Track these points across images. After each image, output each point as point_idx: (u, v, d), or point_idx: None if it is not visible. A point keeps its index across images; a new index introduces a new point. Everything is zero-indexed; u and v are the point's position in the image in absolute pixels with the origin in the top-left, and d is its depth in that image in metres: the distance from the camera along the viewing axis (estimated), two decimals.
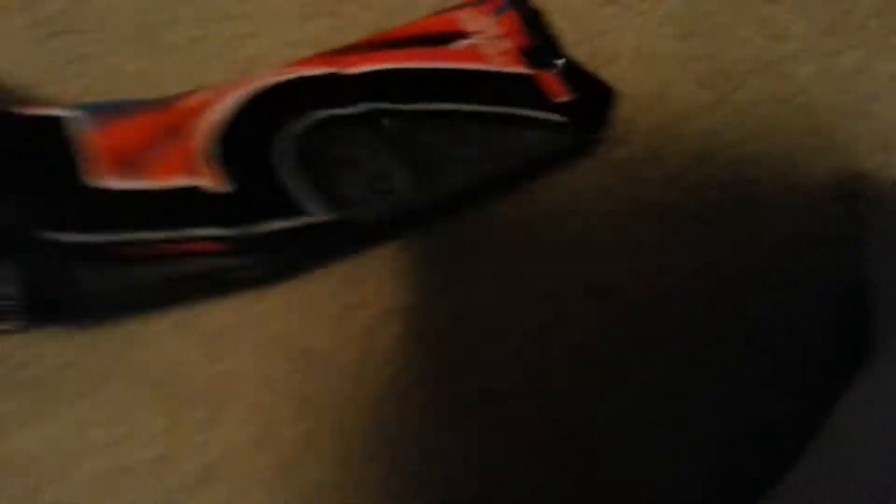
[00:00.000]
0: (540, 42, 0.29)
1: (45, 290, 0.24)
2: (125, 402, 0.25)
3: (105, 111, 0.26)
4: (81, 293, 0.24)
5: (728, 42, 0.30)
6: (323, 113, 0.27)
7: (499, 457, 0.25)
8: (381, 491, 0.24)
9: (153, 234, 0.25)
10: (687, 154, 0.29)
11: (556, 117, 0.28)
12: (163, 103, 0.27)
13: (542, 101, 0.28)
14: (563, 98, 0.28)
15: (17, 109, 0.26)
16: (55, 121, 0.26)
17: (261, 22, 0.30)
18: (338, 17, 0.30)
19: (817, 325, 0.27)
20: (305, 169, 0.26)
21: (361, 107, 0.27)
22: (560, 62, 0.29)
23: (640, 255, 0.28)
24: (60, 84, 0.29)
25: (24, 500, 0.24)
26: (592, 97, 0.28)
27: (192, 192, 0.25)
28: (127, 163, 0.25)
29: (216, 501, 0.23)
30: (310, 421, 0.25)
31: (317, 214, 0.26)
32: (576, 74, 0.29)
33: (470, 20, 0.29)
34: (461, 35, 0.29)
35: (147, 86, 0.29)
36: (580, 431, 0.26)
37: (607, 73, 0.29)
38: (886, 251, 0.25)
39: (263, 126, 0.26)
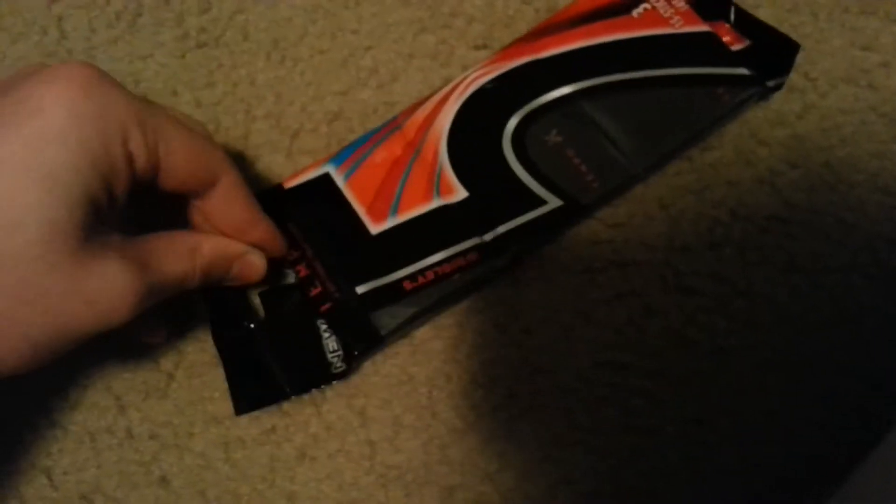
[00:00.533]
0: None
1: (354, 346, 0.28)
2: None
3: (351, 154, 0.30)
4: (382, 337, 0.28)
5: (820, 51, 0.32)
6: (531, 104, 0.29)
7: (569, 444, 0.28)
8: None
9: (423, 262, 0.28)
10: (777, 158, 0.31)
11: (741, 70, 0.30)
12: (397, 125, 0.30)
13: (724, 54, 0.30)
14: (739, 46, 0.30)
15: (285, 183, 0.30)
16: (319, 181, 0.30)
17: (378, 36, 0.33)
18: (446, 31, 0.33)
19: None
20: (531, 160, 0.29)
21: (566, 89, 0.30)
22: (733, 12, 0.31)
23: (725, 255, 0.30)
24: (201, 90, 0.33)
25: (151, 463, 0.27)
26: (771, 44, 0.30)
27: (440, 212, 0.29)
28: (382, 203, 0.29)
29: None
30: (403, 401, 0.29)
31: (549, 205, 0.28)
32: (750, 24, 0.31)
33: None
34: (636, 1, 0.31)
35: (277, 92, 0.33)
36: (658, 426, 0.28)
37: None
38: None
39: (484, 126, 0.29)
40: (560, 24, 0.31)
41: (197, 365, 0.29)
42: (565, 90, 0.30)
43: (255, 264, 0.26)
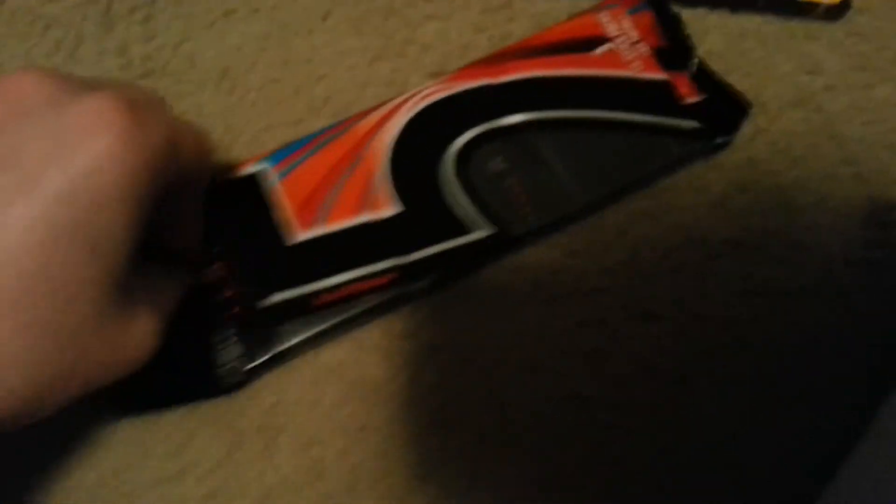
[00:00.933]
0: (673, 43, 0.31)
1: (256, 353, 0.27)
2: (181, 436, 0.27)
3: (290, 154, 0.29)
4: (286, 349, 0.27)
5: (767, 77, 0.33)
6: (480, 127, 0.29)
7: (546, 483, 0.27)
8: None
9: (340, 277, 0.27)
10: (729, 182, 0.31)
11: (690, 123, 0.30)
12: (341, 131, 0.30)
13: (677, 106, 0.30)
14: (694, 99, 0.30)
15: (218, 177, 0.29)
16: (250, 179, 0.29)
17: (331, 65, 0.33)
18: (401, 59, 0.33)
19: (859, 340, 0.29)
20: (467, 186, 0.28)
21: (514, 118, 0.29)
22: (693, 64, 0.31)
23: (684, 280, 0.30)
24: None
25: None
26: (724, 101, 0.31)
27: (367, 227, 0.28)
28: (312, 209, 0.28)
29: None
30: (362, 450, 0.27)
31: (479, 232, 0.28)
32: (707, 79, 0.31)
33: (610, 23, 0.32)
34: (602, 39, 0.31)
35: (226, 125, 0.32)
36: (630, 458, 0.28)
37: None
38: None
39: (429, 144, 0.29)
40: (523, 51, 0.31)
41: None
42: (516, 119, 0.30)
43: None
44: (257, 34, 0.33)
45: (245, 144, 0.32)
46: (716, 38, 0.33)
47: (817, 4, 0.33)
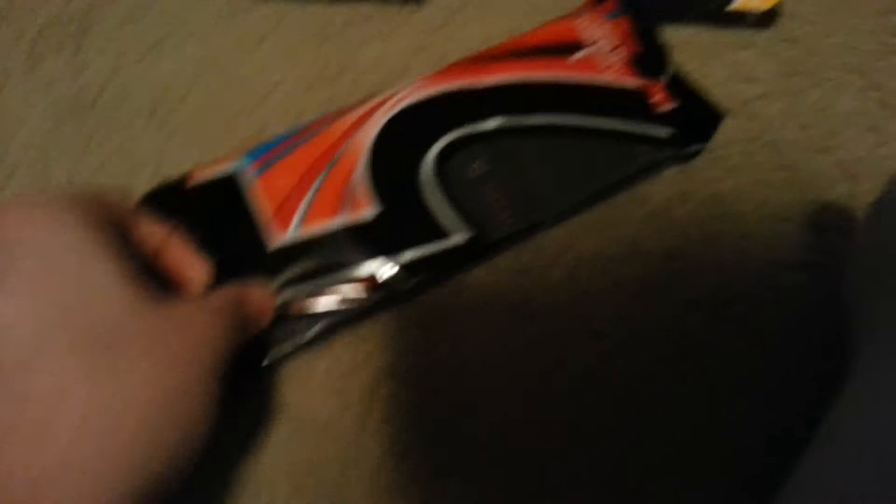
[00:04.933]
0: (649, 50, 0.33)
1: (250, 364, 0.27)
2: None
3: (268, 151, 0.30)
4: (262, 367, 0.28)
5: (704, 86, 0.34)
6: (460, 131, 0.30)
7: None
8: None
9: (317, 283, 0.28)
10: (668, 193, 0.33)
11: (663, 131, 0.31)
12: (318, 130, 0.30)
13: (650, 114, 0.32)
14: (668, 107, 0.32)
15: (190, 179, 0.29)
16: (229, 179, 0.29)
17: (266, 94, 0.33)
18: (337, 86, 0.34)
19: (803, 344, 0.31)
20: (446, 190, 0.29)
21: (493, 122, 0.30)
22: (668, 72, 0.33)
23: (628, 295, 0.31)
24: (77, 162, 0.32)
25: None
26: (697, 109, 0.32)
27: (346, 232, 0.28)
28: (289, 209, 0.28)
29: None
30: (313, 490, 0.28)
31: (458, 236, 0.29)
32: (681, 87, 0.32)
33: (587, 28, 0.33)
34: (579, 45, 0.33)
35: (158, 161, 0.32)
36: (587, 473, 0.29)
37: None
38: (861, 278, 0.28)
39: (408, 146, 0.30)
40: (503, 54, 0.32)
41: None
42: (495, 123, 0.31)
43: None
44: (190, 64, 0.34)
45: None
46: None
47: (746, 14, 0.35)
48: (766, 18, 0.35)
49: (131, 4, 0.35)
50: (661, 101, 0.32)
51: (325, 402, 0.29)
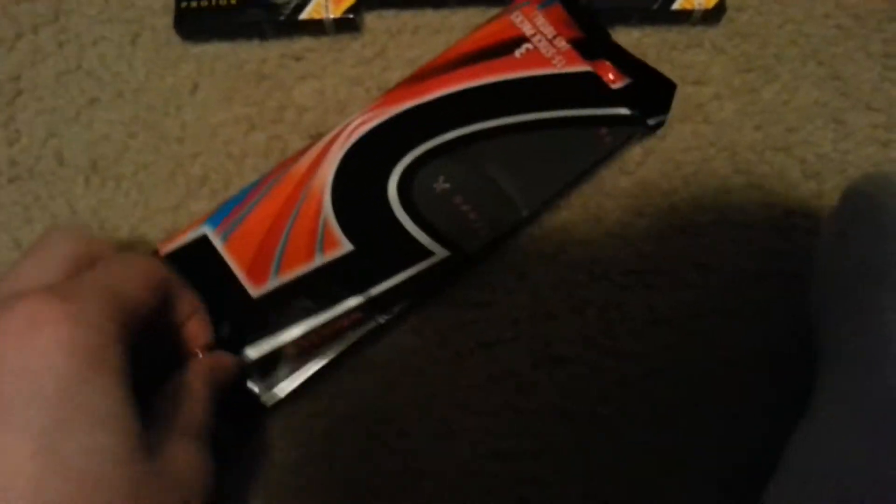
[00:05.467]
0: (588, 32, 0.32)
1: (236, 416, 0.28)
2: None
3: (229, 213, 0.30)
4: (265, 407, 0.28)
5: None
6: (417, 150, 0.30)
7: None
8: None
9: (308, 324, 0.28)
10: (624, 209, 0.32)
11: (622, 110, 0.31)
12: (277, 175, 0.30)
13: (606, 94, 0.31)
14: (621, 84, 0.31)
15: (162, 248, 0.30)
16: (196, 244, 0.29)
17: (204, 141, 0.33)
18: (278, 125, 0.33)
19: (773, 354, 0.30)
20: (417, 210, 0.29)
21: (448, 135, 0.30)
22: (612, 50, 0.32)
23: (590, 318, 0.30)
24: (18, 229, 0.32)
25: None
26: (650, 82, 0.32)
27: (324, 270, 0.29)
28: (263, 264, 0.29)
29: None
30: None
31: (435, 256, 0.29)
32: (629, 62, 0.32)
33: (524, 22, 0.32)
34: (520, 40, 0.32)
35: (102, 219, 0.32)
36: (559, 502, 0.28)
37: None
38: (823, 289, 0.27)
39: (368, 176, 0.30)
40: (443, 66, 0.32)
41: None
42: (450, 135, 0.30)
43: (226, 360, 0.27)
44: (125, 119, 0.33)
45: (125, 239, 0.32)
46: None
47: (691, 11, 0.34)
48: (714, 14, 0.34)
49: (60, 68, 0.34)
50: (614, 79, 0.31)
51: (288, 450, 0.29)
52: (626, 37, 0.34)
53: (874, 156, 0.33)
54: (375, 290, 0.29)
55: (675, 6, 0.34)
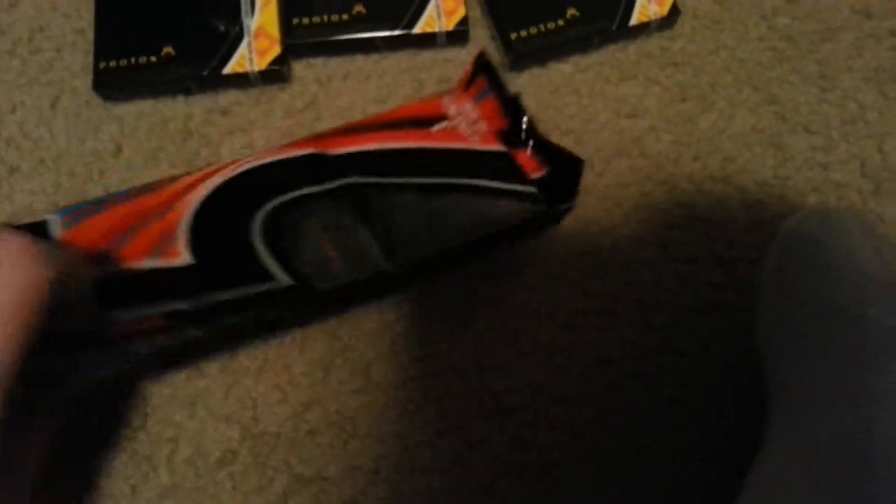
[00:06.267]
0: (516, 125, 0.32)
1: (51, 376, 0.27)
2: None
3: (79, 210, 0.29)
4: (82, 375, 0.27)
5: (587, 130, 0.33)
6: (300, 191, 0.29)
7: None
8: None
9: (126, 314, 0.27)
10: (565, 250, 0.31)
11: (528, 189, 0.30)
12: (155, 188, 0.29)
13: (516, 175, 0.31)
14: (538, 174, 0.31)
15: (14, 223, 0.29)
16: (42, 224, 0.28)
17: None
18: None
19: (721, 390, 0.30)
20: (274, 239, 0.29)
21: (337, 182, 0.30)
22: (533, 141, 0.31)
23: (536, 363, 0.30)
24: None
25: None
26: (562, 170, 0.31)
27: (154, 272, 0.28)
28: (100, 254, 0.28)
29: None
30: None
31: (279, 280, 0.28)
32: (546, 149, 0.31)
33: (452, 104, 0.32)
34: (442, 118, 0.32)
35: None
36: None
37: None
38: (768, 323, 0.27)
39: (241, 203, 0.29)
40: (356, 127, 0.32)
41: None
42: (338, 182, 0.30)
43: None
44: (47, 189, 0.33)
45: None
46: (528, 98, 0.34)
47: (648, 23, 0.34)
48: (669, 20, 0.34)
49: None
50: (531, 170, 0.31)
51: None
52: (560, 74, 0.34)
53: (814, 179, 0.33)
54: (196, 302, 0.28)
55: (633, 22, 0.34)
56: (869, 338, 0.21)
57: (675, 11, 0.35)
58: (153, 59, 0.33)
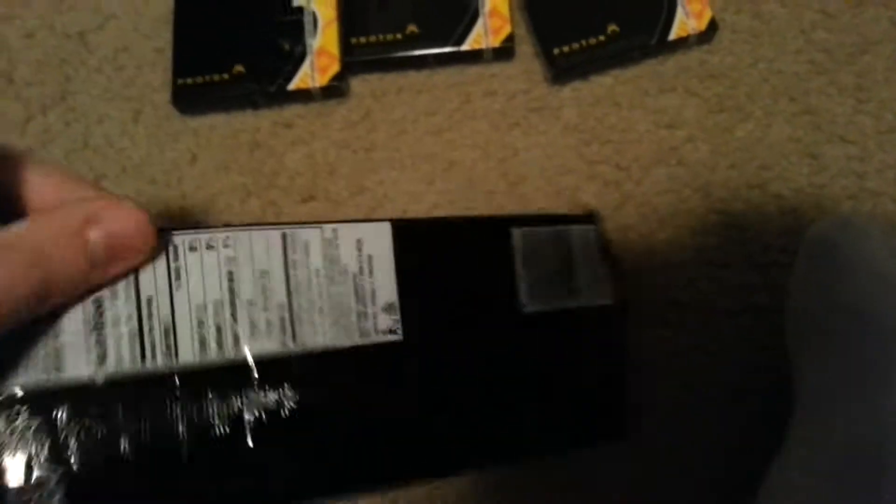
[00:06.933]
0: None
1: None
2: None
3: None
4: None
5: (626, 140, 0.35)
6: None
7: None
8: None
9: None
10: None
11: None
12: None
13: None
14: None
15: None
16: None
17: (205, 209, 0.36)
18: (271, 192, 0.35)
19: (750, 391, 0.31)
20: None
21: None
22: None
23: None
24: None
25: None
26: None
27: None
28: None
29: None
30: None
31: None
32: None
33: None
34: None
35: None
36: None
37: (519, 192, 0.34)
38: (796, 325, 0.29)
39: None
40: None
41: None
42: None
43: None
44: (130, 194, 0.36)
45: None
46: (570, 110, 0.36)
47: (687, 37, 0.36)
48: (708, 34, 0.36)
49: (68, 147, 0.37)
50: None
51: None
52: (601, 86, 0.36)
53: (849, 187, 0.34)
54: None
55: (672, 36, 0.36)
56: (882, 338, 0.22)
57: (713, 26, 0.36)
58: (225, 76, 0.37)
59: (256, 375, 0.22)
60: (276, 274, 0.23)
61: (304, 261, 0.24)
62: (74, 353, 0.20)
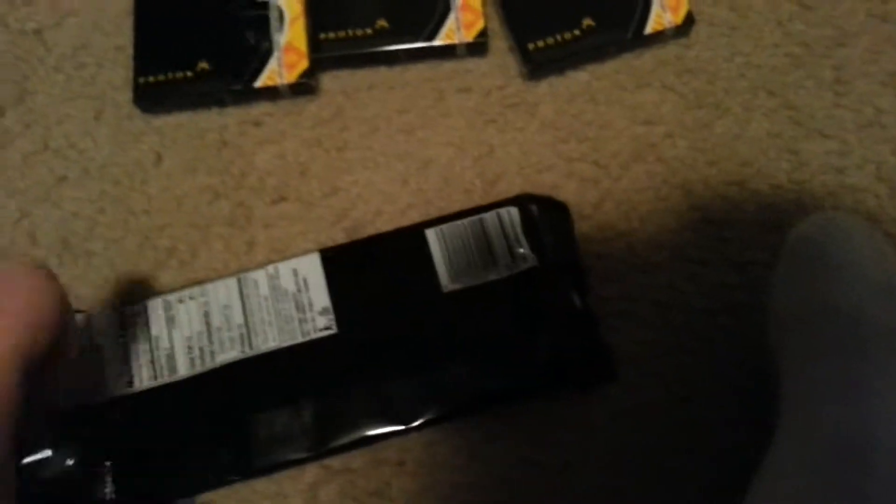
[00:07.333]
0: None
1: None
2: None
3: None
4: None
5: (604, 136, 0.35)
6: None
7: None
8: None
9: None
10: (584, 253, 0.33)
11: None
12: None
13: None
14: None
15: None
16: None
17: (171, 212, 0.35)
18: (241, 193, 0.35)
19: (726, 392, 0.31)
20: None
21: None
22: None
23: None
24: None
25: None
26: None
27: None
28: None
29: None
30: None
31: None
32: None
33: None
34: None
35: (74, 297, 0.33)
36: None
37: (496, 191, 0.34)
38: (779, 324, 0.28)
39: None
40: None
41: None
42: None
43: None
44: (92, 196, 0.35)
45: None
46: (546, 106, 0.35)
47: (663, 31, 0.36)
48: (684, 28, 0.36)
49: (27, 149, 0.36)
50: None
51: None
52: (577, 82, 0.36)
53: (830, 183, 0.34)
54: None
55: (648, 30, 0.36)
56: (868, 338, 0.22)
57: (689, 20, 0.36)
58: (189, 73, 0.36)
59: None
60: (235, 306, 0.33)
61: (255, 293, 0.33)
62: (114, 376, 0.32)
